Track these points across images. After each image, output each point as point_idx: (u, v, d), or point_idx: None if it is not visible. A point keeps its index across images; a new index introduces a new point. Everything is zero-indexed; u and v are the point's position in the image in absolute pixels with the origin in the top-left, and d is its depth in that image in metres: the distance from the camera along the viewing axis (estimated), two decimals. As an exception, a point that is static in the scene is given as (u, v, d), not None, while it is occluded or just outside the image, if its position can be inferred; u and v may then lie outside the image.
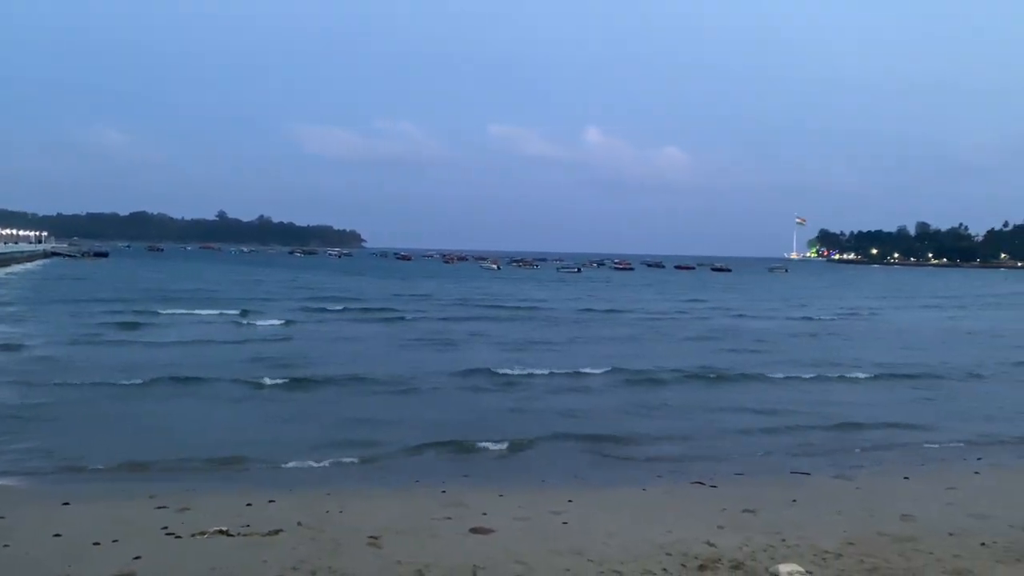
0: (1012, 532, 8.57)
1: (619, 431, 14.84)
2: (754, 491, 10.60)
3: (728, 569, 7.22)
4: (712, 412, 17.20)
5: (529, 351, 26.77)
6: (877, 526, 8.75)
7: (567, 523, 8.81)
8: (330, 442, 13.57)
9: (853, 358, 26.13)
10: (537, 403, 17.74)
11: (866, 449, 14.02)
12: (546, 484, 11.13)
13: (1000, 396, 20.09)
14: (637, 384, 20.52)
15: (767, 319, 43.46)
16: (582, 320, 40.16)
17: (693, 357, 25.52)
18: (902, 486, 11.11)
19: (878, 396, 19.83)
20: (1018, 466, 12.89)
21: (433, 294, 57.68)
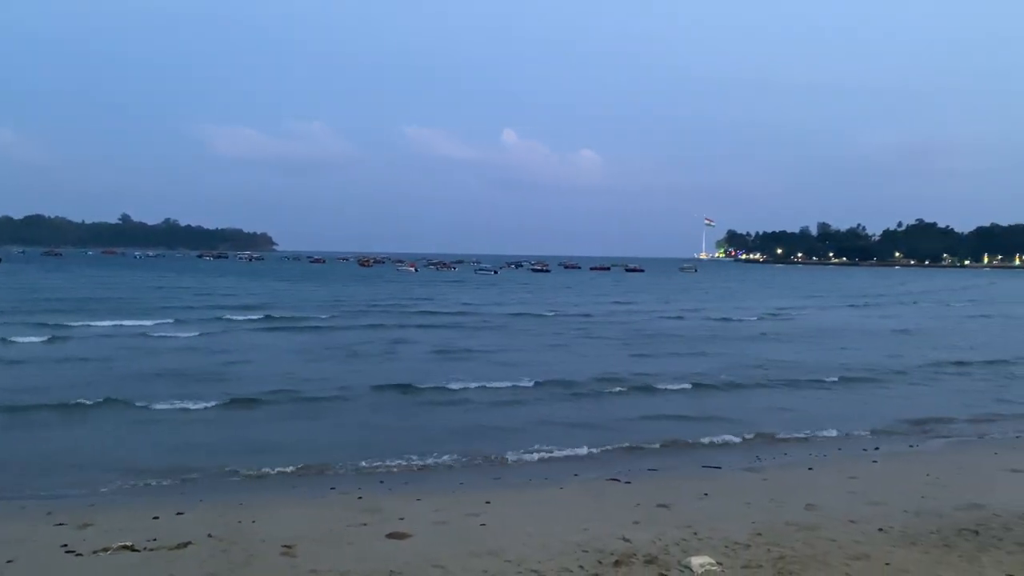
0: (906, 517, 9.02)
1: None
2: (668, 486, 10.85)
3: (642, 564, 7.36)
4: (649, 421, 16.48)
5: (456, 360, 25.14)
6: (783, 516, 9.07)
7: (485, 524, 8.83)
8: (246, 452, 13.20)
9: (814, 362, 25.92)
10: (465, 418, 16.48)
11: (777, 441, 14.57)
12: (464, 487, 11.11)
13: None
14: (572, 397, 19.05)
15: (715, 320, 43.36)
16: (509, 325, 38.14)
17: (624, 363, 24.87)
18: (806, 477, 11.57)
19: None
20: (911, 454, 13.59)
21: (349, 299, 56.27)
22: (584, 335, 33.99)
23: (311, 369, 22.58)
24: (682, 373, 22.44)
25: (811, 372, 23.26)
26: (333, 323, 37.31)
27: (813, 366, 24.74)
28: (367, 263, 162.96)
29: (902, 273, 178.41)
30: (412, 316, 41.94)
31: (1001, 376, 23.75)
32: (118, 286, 67.65)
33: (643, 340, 32.29)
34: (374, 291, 67.55)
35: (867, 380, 22.46)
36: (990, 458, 12.81)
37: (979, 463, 12.37)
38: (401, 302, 52.92)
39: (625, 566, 7.31)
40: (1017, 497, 9.89)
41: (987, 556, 7.59)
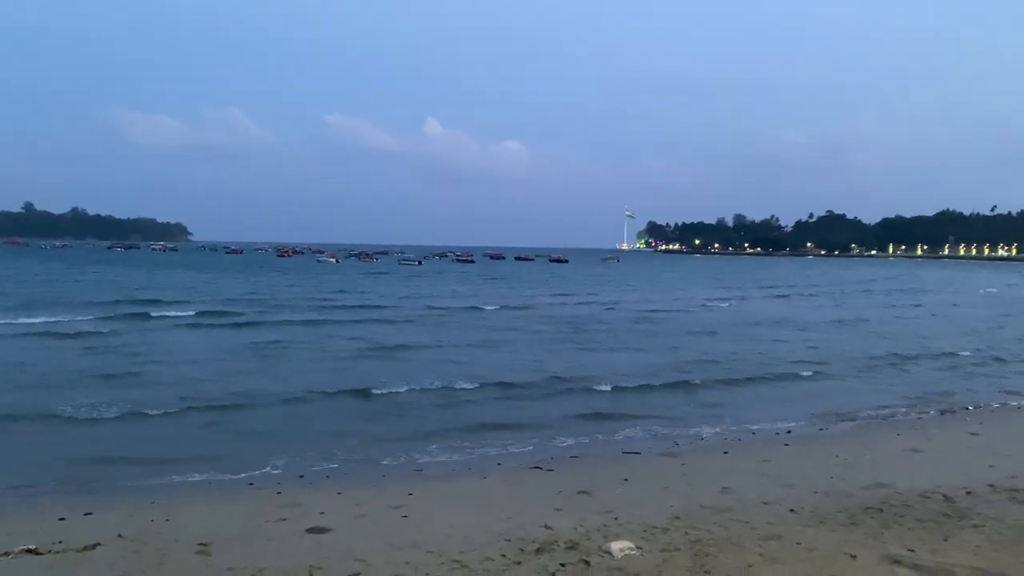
0: (816, 498, 9.38)
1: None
2: (589, 473, 10.99)
3: (564, 550, 7.44)
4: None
5: (386, 359, 23.28)
6: (700, 500, 9.30)
7: (407, 517, 8.77)
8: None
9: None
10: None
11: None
12: (386, 479, 11.01)
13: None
14: (508, 398, 17.72)
15: (653, 311, 43.19)
16: (435, 319, 36.63)
17: (567, 359, 23.81)
18: (722, 461, 11.88)
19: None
20: (821, 437, 14.13)
21: (267, 291, 54.04)
22: (524, 330, 32.35)
23: (226, 369, 20.93)
24: (626, 370, 21.49)
25: (764, 366, 22.84)
26: (251, 318, 34.61)
27: (764, 358, 24.47)
28: (286, 253, 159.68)
29: (824, 263, 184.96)
30: (336, 311, 39.31)
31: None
32: (21, 279, 64.01)
33: (584, 334, 30.93)
34: (293, 283, 66.15)
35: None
36: (893, 439, 13.41)
37: (883, 444, 12.93)
38: (325, 295, 50.73)
39: (547, 553, 7.37)
40: (917, 476, 10.39)
41: (890, 532, 7.94)
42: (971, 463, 11.18)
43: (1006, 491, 9.56)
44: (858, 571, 6.81)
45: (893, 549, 7.39)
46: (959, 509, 8.78)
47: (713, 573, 6.79)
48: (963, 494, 9.41)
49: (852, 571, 6.81)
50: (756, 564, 6.99)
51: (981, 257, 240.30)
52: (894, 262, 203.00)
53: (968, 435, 13.58)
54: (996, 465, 10.93)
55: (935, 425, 14.93)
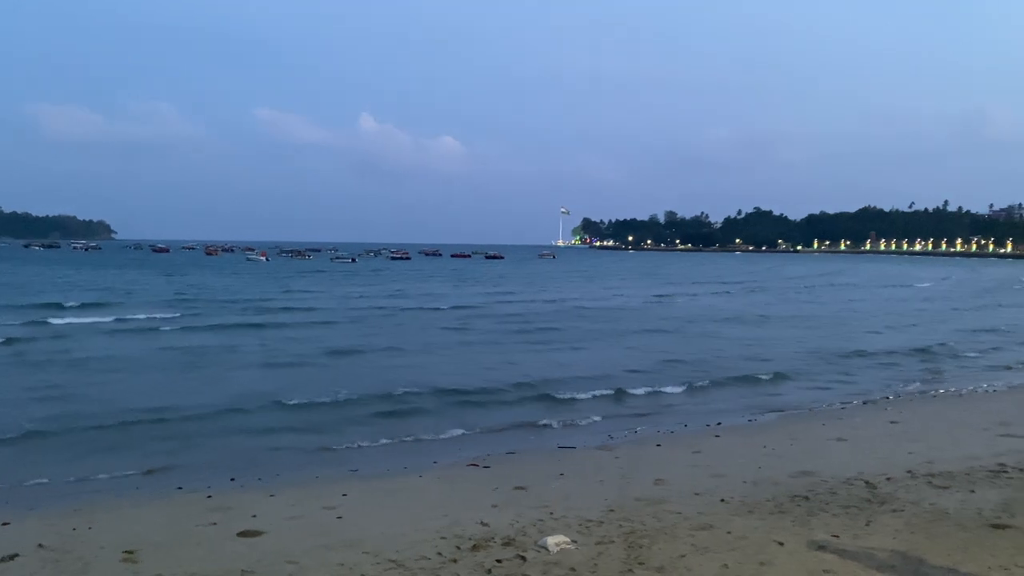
0: (745, 487, 9.61)
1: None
2: (525, 468, 11.05)
3: (500, 546, 7.45)
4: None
5: (318, 367, 21.68)
6: (634, 492, 9.44)
7: (341, 517, 8.67)
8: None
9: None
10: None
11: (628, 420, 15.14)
12: (320, 480, 10.85)
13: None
14: (459, 404, 16.71)
15: (600, 308, 43.13)
16: (378, 320, 34.96)
17: (526, 362, 22.66)
18: (655, 453, 12.08)
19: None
20: (750, 428, 14.49)
21: (194, 292, 51.79)
22: (476, 330, 31.47)
23: (152, 379, 19.20)
24: (590, 373, 20.59)
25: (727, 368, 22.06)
26: (179, 322, 32.04)
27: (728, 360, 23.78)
28: (214, 252, 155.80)
29: (760, 259, 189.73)
30: (275, 313, 37.10)
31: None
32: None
33: (536, 334, 30.00)
34: (223, 282, 64.67)
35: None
36: (818, 429, 13.84)
37: (809, 434, 13.33)
38: (260, 295, 48.66)
39: (483, 550, 7.37)
40: (841, 464, 10.73)
41: (816, 519, 8.19)
42: (891, 450, 11.61)
43: (923, 476, 9.95)
44: (785, 557, 7.00)
45: (818, 535, 7.62)
46: (880, 495, 9.11)
47: (646, 564, 6.90)
48: (884, 480, 9.76)
49: (780, 558, 7.00)
50: (688, 554, 7.13)
51: (900, 252, 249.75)
52: (831, 257, 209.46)
53: (888, 423, 14.09)
54: (914, 452, 11.37)
55: (857, 415, 15.45)
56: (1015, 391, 18.70)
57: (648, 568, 6.81)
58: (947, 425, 13.78)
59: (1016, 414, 14.45)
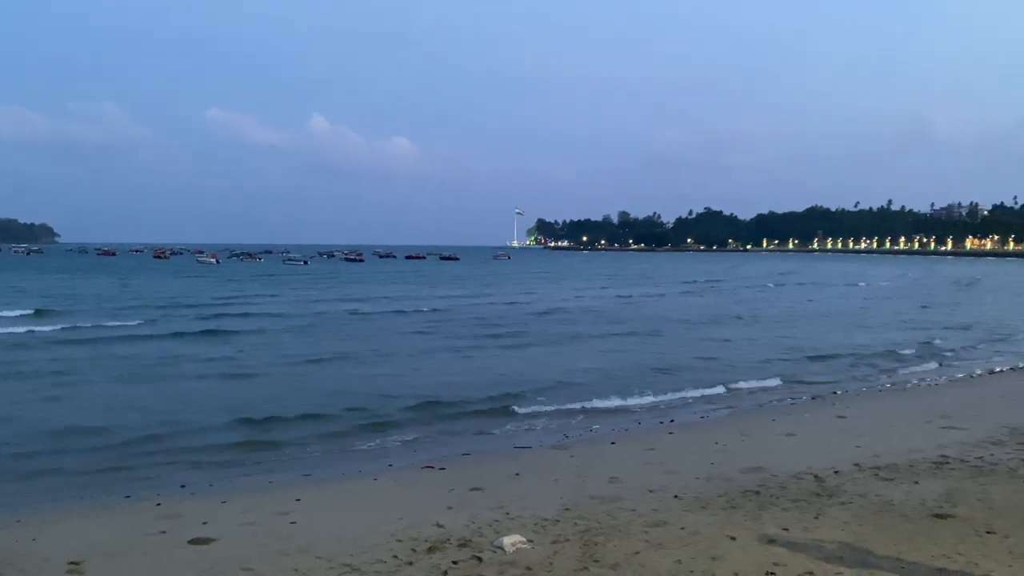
0: (698, 483, 9.74)
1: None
2: (481, 469, 11.04)
3: (456, 548, 7.44)
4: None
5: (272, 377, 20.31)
6: (589, 490, 9.49)
7: (296, 522, 8.55)
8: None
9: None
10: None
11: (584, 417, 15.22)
12: (273, 485, 10.70)
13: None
14: (428, 416, 15.80)
15: (570, 310, 43.27)
16: (338, 324, 33.85)
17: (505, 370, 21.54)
18: (610, 451, 12.17)
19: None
20: (702, 425, 14.70)
21: (141, 297, 50.48)
22: (443, 334, 30.52)
23: (111, 393, 17.94)
24: (554, 378, 19.87)
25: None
26: (130, 331, 30.02)
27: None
28: (163, 255, 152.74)
29: (721, 258, 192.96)
30: (232, 319, 35.36)
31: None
32: None
33: (511, 338, 29.15)
34: (175, 286, 63.41)
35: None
36: (768, 424, 14.09)
37: (759, 430, 13.55)
38: (213, 300, 47.22)
39: (439, 552, 7.36)
40: (791, 459, 10.94)
41: (767, 513, 8.35)
42: (839, 444, 11.87)
43: (870, 469, 10.20)
44: (737, 552, 7.12)
45: (769, 529, 7.77)
46: (828, 488, 9.32)
47: (601, 562, 6.95)
48: (832, 474, 9.99)
49: (732, 552, 7.11)
50: (643, 551, 7.20)
51: (846, 250, 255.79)
52: (787, 256, 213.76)
53: (836, 418, 14.41)
54: (861, 446, 11.64)
55: (807, 410, 15.77)
56: (955, 384, 19.28)
57: (603, 566, 6.87)
58: (892, 419, 14.15)
59: (957, 407, 14.89)
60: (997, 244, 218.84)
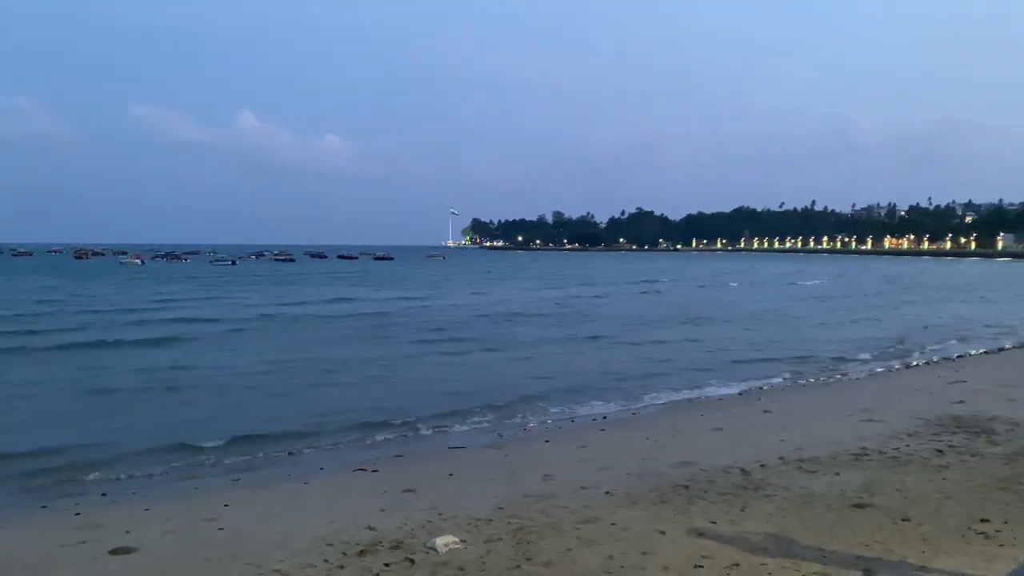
0: (629, 479, 9.88)
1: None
2: (414, 470, 10.97)
3: (388, 550, 7.38)
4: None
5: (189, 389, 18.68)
6: (523, 489, 9.53)
7: (223, 528, 8.35)
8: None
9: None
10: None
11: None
12: (199, 492, 10.43)
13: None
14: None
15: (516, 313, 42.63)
16: (265, 330, 31.88)
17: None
18: (543, 449, 12.25)
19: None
20: (634, 421, 14.91)
21: (61, 300, 49.66)
22: (385, 339, 29.17)
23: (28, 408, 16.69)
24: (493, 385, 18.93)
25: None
26: (52, 340, 27.37)
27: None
28: (84, 255, 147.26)
29: (663, 257, 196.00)
30: (156, 325, 32.77)
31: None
32: None
33: (450, 344, 27.59)
34: (95, 289, 61.18)
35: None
36: (698, 420, 14.38)
37: (689, 425, 13.83)
38: (134, 304, 44.53)
39: (371, 554, 7.28)
40: (719, 453, 11.18)
41: (696, 507, 8.52)
42: (764, 438, 12.18)
43: (794, 462, 10.50)
44: (667, 546, 7.24)
45: (698, 522, 7.93)
46: (754, 481, 9.56)
47: (534, 560, 6.99)
48: (758, 467, 10.25)
49: (662, 546, 7.23)
50: (574, 547, 7.27)
51: (772, 249, 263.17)
52: (722, 256, 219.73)
53: (762, 413, 14.80)
54: (785, 439, 11.97)
55: (734, 405, 16.15)
56: (875, 378, 20.02)
57: (536, 563, 6.90)
58: (815, 413, 14.59)
59: (876, 400, 15.45)
60: (913, 243, 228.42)
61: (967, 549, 6.99)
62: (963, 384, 16.98)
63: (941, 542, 7.18)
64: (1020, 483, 9.05)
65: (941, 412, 13.64)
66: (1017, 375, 18.32)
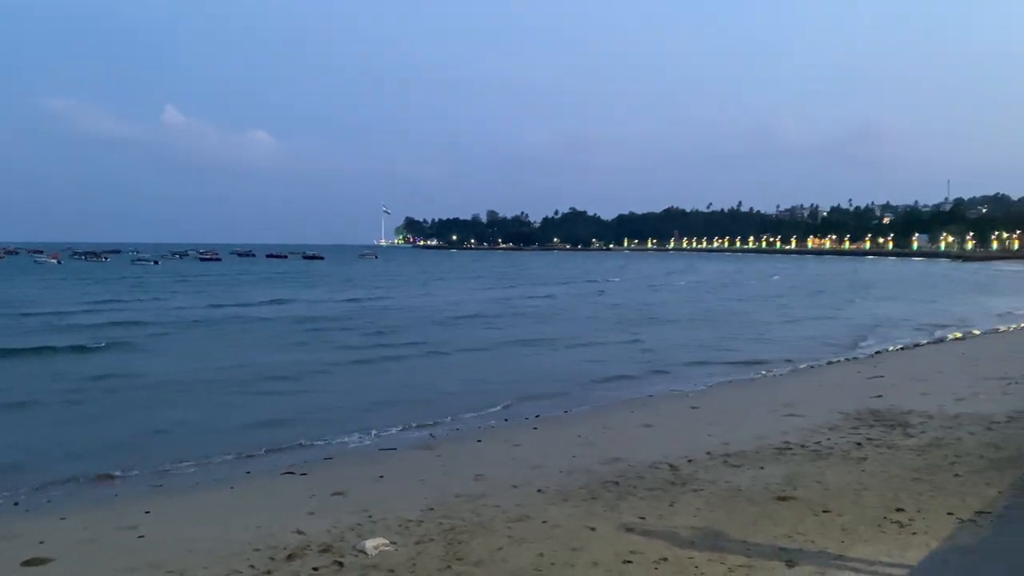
0: (560, 476, 9.94)
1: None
2: (344, 472, 10.82)
3: (317, 553, 7.25)
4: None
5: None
6: (454, 489, 9.49)
7: (144, 536, 8.07)
8: None
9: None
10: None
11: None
12: (119, 499, 10.07)
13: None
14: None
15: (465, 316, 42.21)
16: (191, 333, 30.56)
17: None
18: (476, 449, 12.23)
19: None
20: (566, 419, 15.02)
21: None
22: (323, 343, 27.99)
23: None
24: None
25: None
26: None
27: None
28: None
29: (613, 257, 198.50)
30: (79, 331, 30.30)
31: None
32: None
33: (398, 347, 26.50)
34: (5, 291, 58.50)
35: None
36: (628, 417, 14.57)
37: (619, 422, 13.99)
38: (54, 308, 42.61)
39: (299, 559, 7.14)
40: (648, 449, 11.35)
41: (625, 503, 8.62)
42: (692, 433, 12.43)
43: (720, 456, 10.74)
44: (597, 542, 7.31)
45: (627, 518, 8.03)
46: (682, 476, 9.74)
47: (465, 560, 6.96)
48: (686, 462, 10.44)
49: (592, 543, 7.30)
50: (505, 546, 7.27)
51: (701, 249, 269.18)
52: (674, 256, 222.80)
53: (690, 409, 15.09)
54: (712, 434, 12.23)
55: (663, 402, 16.43)
56: (798, 375, 20.63)
57: (466, 563, 6.88)
58: (741, 409, 14.95)
59: (798, 395, 15.94)
60: (835, 243, 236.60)
61: (883, 538, 7.25)
62: (881, 379, 17.64)
63: (859, 532, 7.44)
64: (932, 473, 9.44)
65: (860, 406, 14.13)
66: (931, 370, 19.10)
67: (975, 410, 13.44)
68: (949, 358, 22.16)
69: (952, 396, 14.83)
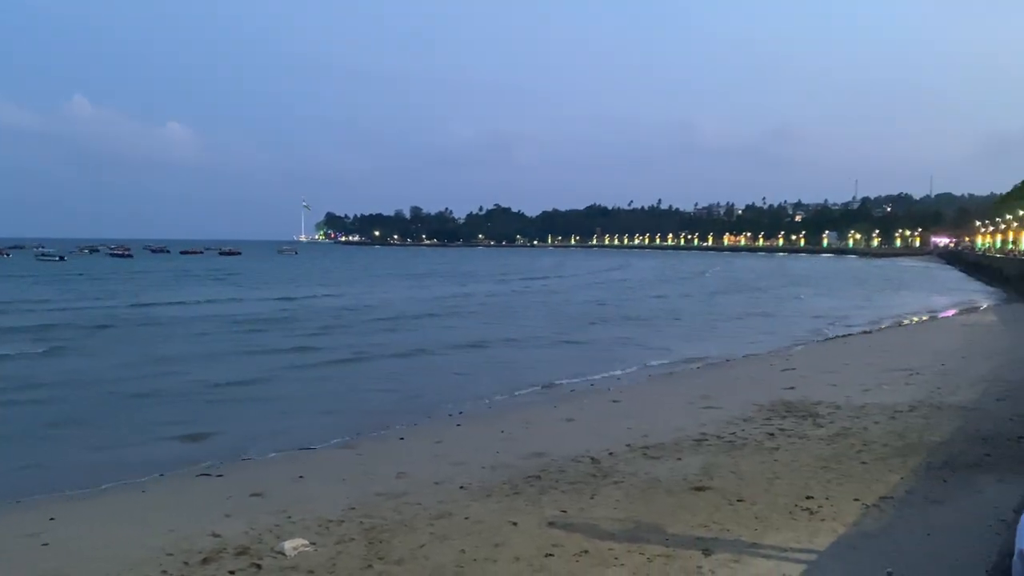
0: (483, 472, 9.96)
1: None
2: (262, 473, 10.58)
3: (233, 556, 7.07)
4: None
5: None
6: (376, 487, 9.39)
7: (48, 544, 7.72)
8: None
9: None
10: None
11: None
12: (22, 505, 9.60)
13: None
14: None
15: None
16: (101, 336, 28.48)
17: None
18: (398, 447, 12.13)
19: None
20: (489, 415, 15.04)
21: None
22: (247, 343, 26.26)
23: None
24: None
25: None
26: None
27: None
28: None
29: (540, 254, 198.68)
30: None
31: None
32: None
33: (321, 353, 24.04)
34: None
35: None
36: (551, 411, 14.68)
37: (542, 417, 14.09)
38: None
39: (215, 562, 6.96)
40: (570, 443, 11.47)
41: (547, 497, 8.70)
42: (613, 427, 12.61)
43: (640, 449, 10.94)
44: (519, 537, 7.35)
45: (549, 512, 8.10)
46: (603, 469, 9.88)
47: (386, 558, 6.90)
48: (606, 455, 10.59)
49: (514, 538, 7.33)
50: (428, 543, 7.24)
51: (623, 245, 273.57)
52: (599, 253, 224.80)
53: (611, 403, 15.31)
54: (632, 427, 12.44)
55: (586, 396, 16.61)
56: (713, 368, 21.16)
57: (388, 562, 6.83)
58: (661, 401, 15.26)
59: (715, 388, 16.35)
60: (750, 240, 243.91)
61: (794, 525, 7.52)
62: (793, 371, 18.28)
63: (771, 520, 7.69)
64: (840, 462, 9.84)
65: (773, 398, 14.61)
66: (839, 363, 19.88)
67: (880, 400, 14.06)
68: (856, 351, 23.10)
69: (859, 387, 15.48)
